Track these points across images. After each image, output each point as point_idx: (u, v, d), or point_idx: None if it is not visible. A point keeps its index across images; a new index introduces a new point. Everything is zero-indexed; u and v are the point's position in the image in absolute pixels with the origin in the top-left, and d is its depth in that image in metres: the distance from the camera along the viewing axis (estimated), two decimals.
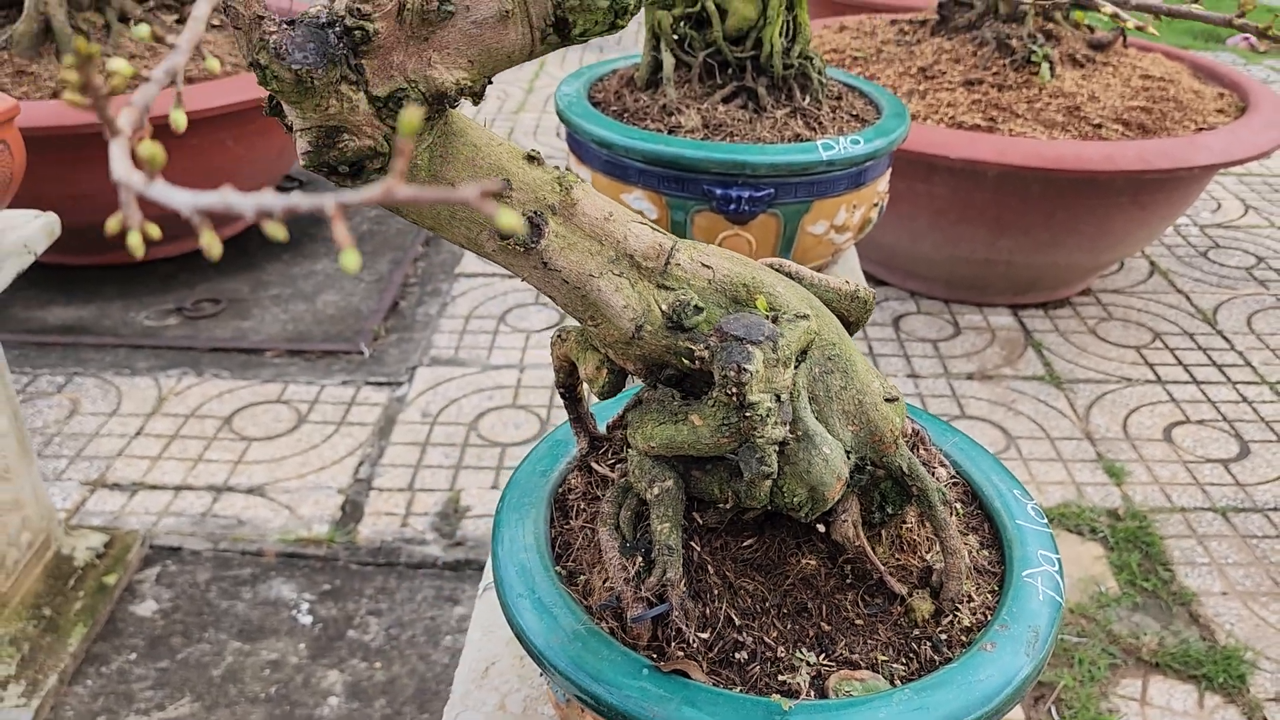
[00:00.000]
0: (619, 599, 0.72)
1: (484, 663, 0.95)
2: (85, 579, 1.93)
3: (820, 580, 0.77)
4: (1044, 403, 2.67)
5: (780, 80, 1.62)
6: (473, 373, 2.71)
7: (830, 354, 0.72)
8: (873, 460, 0.74)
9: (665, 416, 0.71)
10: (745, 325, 0.66)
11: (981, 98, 2.82)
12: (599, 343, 0.73)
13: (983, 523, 0.86)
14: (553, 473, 0.88)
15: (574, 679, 0.71)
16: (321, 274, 3.19)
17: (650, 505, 0.73)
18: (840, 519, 0.75)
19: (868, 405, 0.72)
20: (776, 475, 0.69)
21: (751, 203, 1.51)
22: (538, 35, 0.63)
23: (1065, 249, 2.86)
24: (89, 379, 2.64)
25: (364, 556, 2.09)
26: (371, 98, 0.61)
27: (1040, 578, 0.79)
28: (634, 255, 0.70)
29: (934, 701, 0.69)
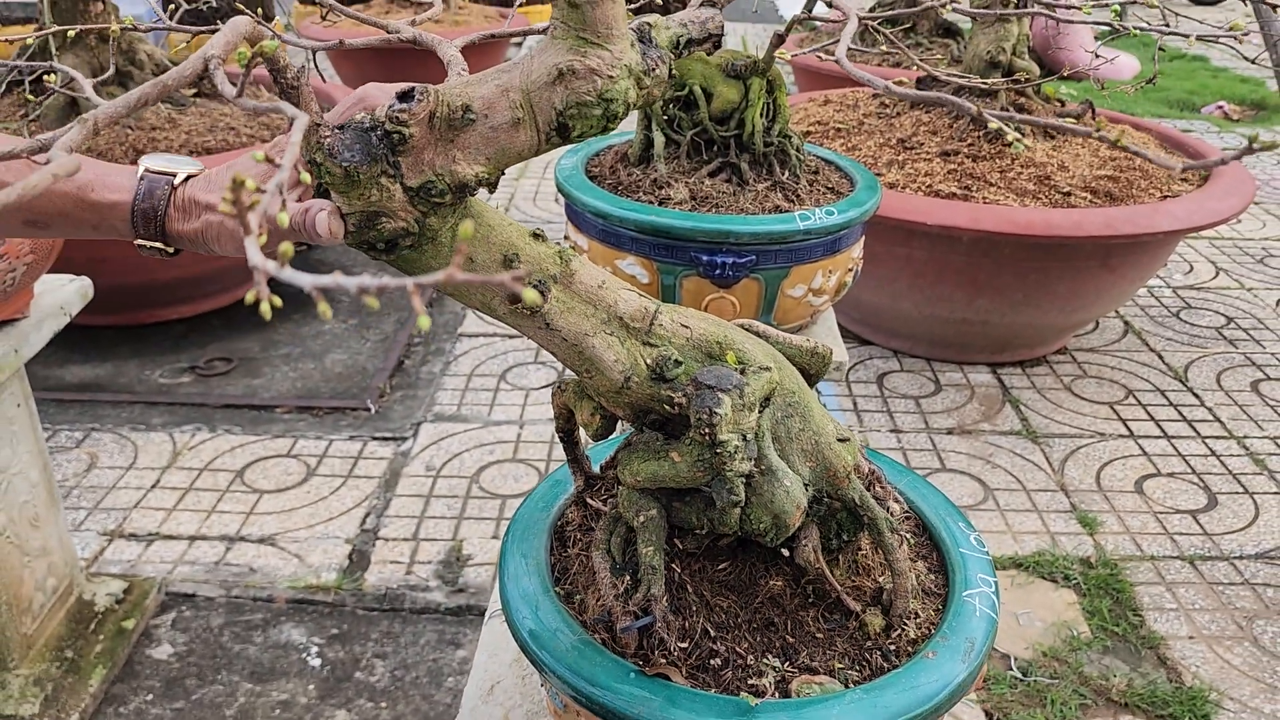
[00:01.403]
0: (610, 613, 0.84)
1: (489, 682, 1.06)
2: (105, 623, 2.02)
3: (786, 599, 0.88)
4: (1021, 456, 2.78)
5: (761, 156, 1.76)
6: (475, 428, 2.83)
7: (790, 401, 0.84)
8: (828, 493, 0.86)
9: (650, 455, 0.83)
10: (716, 376, 0.79)
11: (957, 167, 2.98)
12: (593, 392, 0.86)
13: (931, 551, 0.98)
14: (552, 508, 1.00)
15: (571, 683, 0.82)
16: (329, 334, 3.32)
17: (637, 532, 0.84)
18: (802, 544, 0.87)
19: (823, 445, 0.85)
20: (744, 504, 0.81)
21: (735, 268, 1.65)
22: (543, 137, 0.76)
23: (1039, 310, 3.00)
24: (106, 434, 2.76)
25: (370, 603, 2.19)
26: (406, 188, 0.74)
27: (978, 598, 0.90)
28: (623, 317, 0.83)
29: (881, 701, 0.80)
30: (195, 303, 3.30)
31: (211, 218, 0.87)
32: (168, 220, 0.89)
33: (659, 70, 0.79)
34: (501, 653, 1.09)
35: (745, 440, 0.79)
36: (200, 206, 0.88)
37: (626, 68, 0.75)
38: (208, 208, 0.88)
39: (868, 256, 2.98)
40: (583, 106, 0.74)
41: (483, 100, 0.74)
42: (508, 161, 0.77)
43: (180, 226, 0.89)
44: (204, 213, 0.88)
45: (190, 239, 0.89)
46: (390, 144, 0.72)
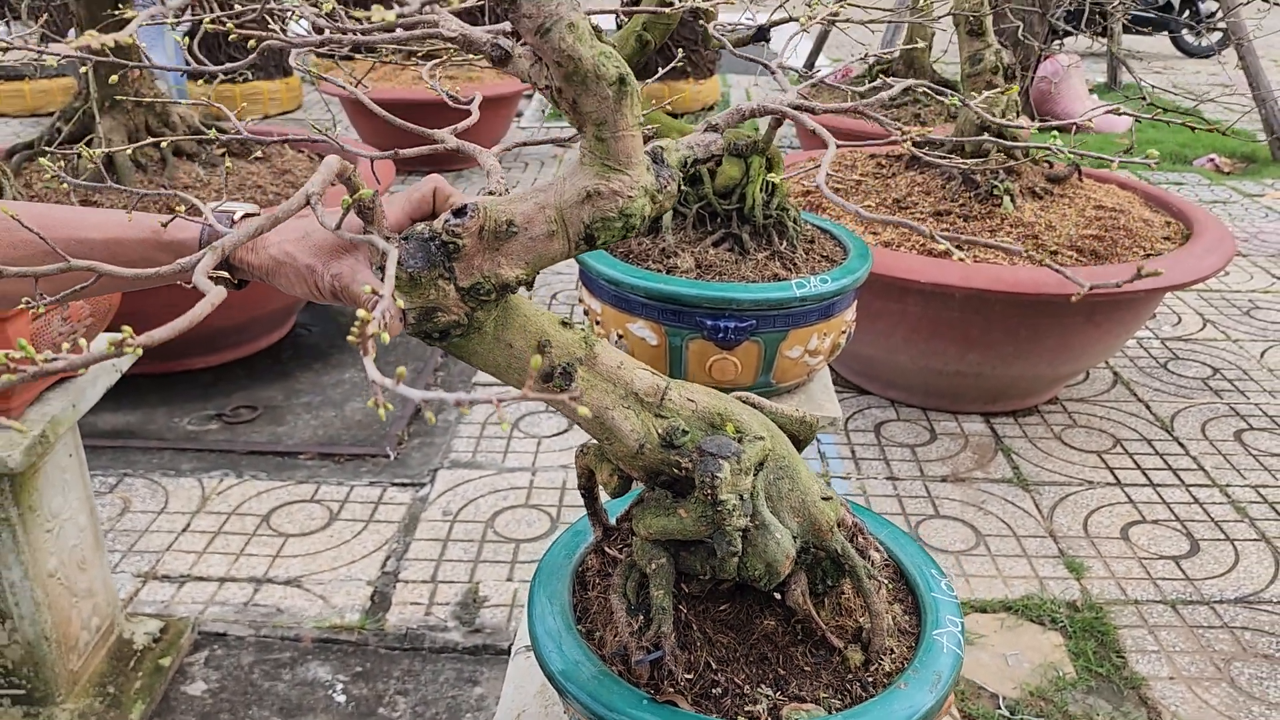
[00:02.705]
0: (625, 648, 0.97)
1: (516, 711, 1.19)
2: (143, 661, 2.15)
3: (778, 636, 1.02)
4: (1011, 503, 2.91)
5: (761, 228, 1.91)
6: (489, 475, 2.96)
7: (781, 465, 0.98)
8: (814, 544, 1.00)
9: (660, 511, 0.97)
10: (718, 444, 0.93)
11: (949, 226, 3.13)
12: (612, 456, 1.00)
13: (907, 595, 1.11)
14: (574, 555, 1.13)
15: (593, 709, 0.95)
16: (349, 383, 3.46)
17: (649, 577, 0.98)
18: (792, 589, 1.00)
19: (809, 502, 0.98)
20: (741, 554, 0.94)
21: (737, 332, 1.79)
22: (573, 245, 0.91)
23: (1029, 362, 3.14)
24: (138, 479, 2.90)
25: (391, 642, 2.31)
26: (458, 288, 0.88)
27: (946, 636, 1.04)
28: (638, 393, 0.97)
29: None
30: (221, 352, 3.46)
31: (281, 257, 0.95)
32: (236, 249, 0.96)
33: (670, 187, 0.94)
34: (527, 685, 1.22)
35: (742, 499, 0.92)
36: (265, 243, 0.96)
37: (643, 189, 0.90)
38: (277, 246, 0.95)
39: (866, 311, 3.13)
40: (607, 221, 0.89)
41: (523, 215, 0.89)
42: (543, 265, 0.91)
43: (247, 256, 0.97)
44: (270, 250, 0.96)
45: (259, 270, 0.97)
46: (446, 252, 0.87)
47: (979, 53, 3.34)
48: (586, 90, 0.85)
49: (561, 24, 0.82)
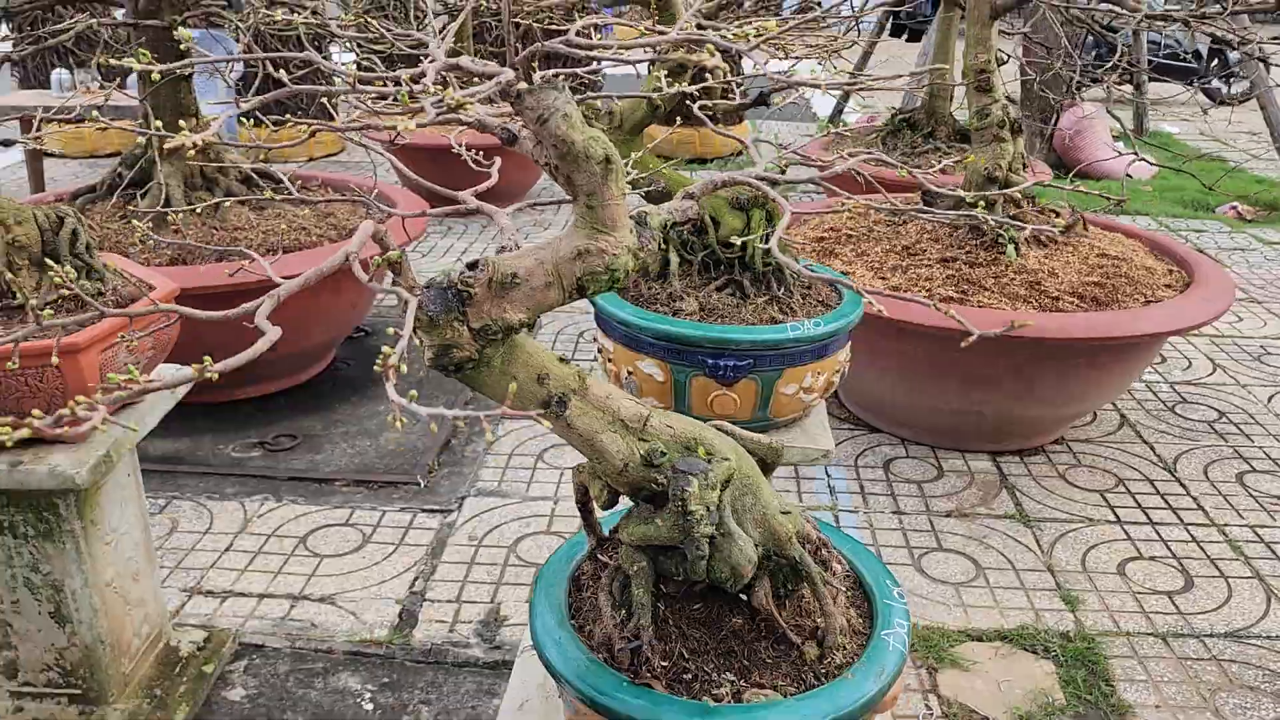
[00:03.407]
0: (610, 639, 1.13)
1: (520, 700, 1.34)
2: (188, 667, 2.32)
3: (745, 633, 1.17)
4: (1012, 538, 3.03)
5: (761, 275, 2.08)
6: (513, 503, 3.13)
7: (745, 483, 1.14)
8: (775, 552, 1.16)
9: (642, 520, 1.13)
10: (689, 464, 1.09)
11: (955, 273, 3.28)
12: (601, 474, 1.16)
13: (863, 601, 1.26)
14: (571, 562, 1.29)
15: (581, 690, 1.11)
16: (384, 415, 3.66)
17: (631, 578, 1.14)
18: (757, 591, 1.16)
19: (769, 515, 1.14)
20: (708, 558, 1.10)
21: (736, 369, 1.95)
22: (567, 294, 1.08)
23: (1032, 402, 3.26)
24: (185, 502, 3.09)
25: (417, 656, 2.47)
26: (470, 329, 1.06)
27: (893, 637, 1.19)
28: (624, 419, 1.14)
29: (810, 707, 1.08)
30: (263, 384, 3.67)
31: None
32: None
33: (650, 245, 1.11)
34: (529, 679, 1.38)
35: (709, 510, 1.09)
36: None
37: (626, 248, 1.07)
38: None
39: (874, 351, 3.28)
40: (594, 274, 1.06)
41: (525, 269, 1.07)
42: (542, 310, 1.09)
43: None
44: None
45: None
46: (460, 299, 1.05)
47: (986, 107, 3.50)
48: (578, 168, 1.03)
49: (557, 114, 1.00)
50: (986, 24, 3.55)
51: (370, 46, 3.34)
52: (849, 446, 3.55)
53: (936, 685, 2.45)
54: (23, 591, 2.03)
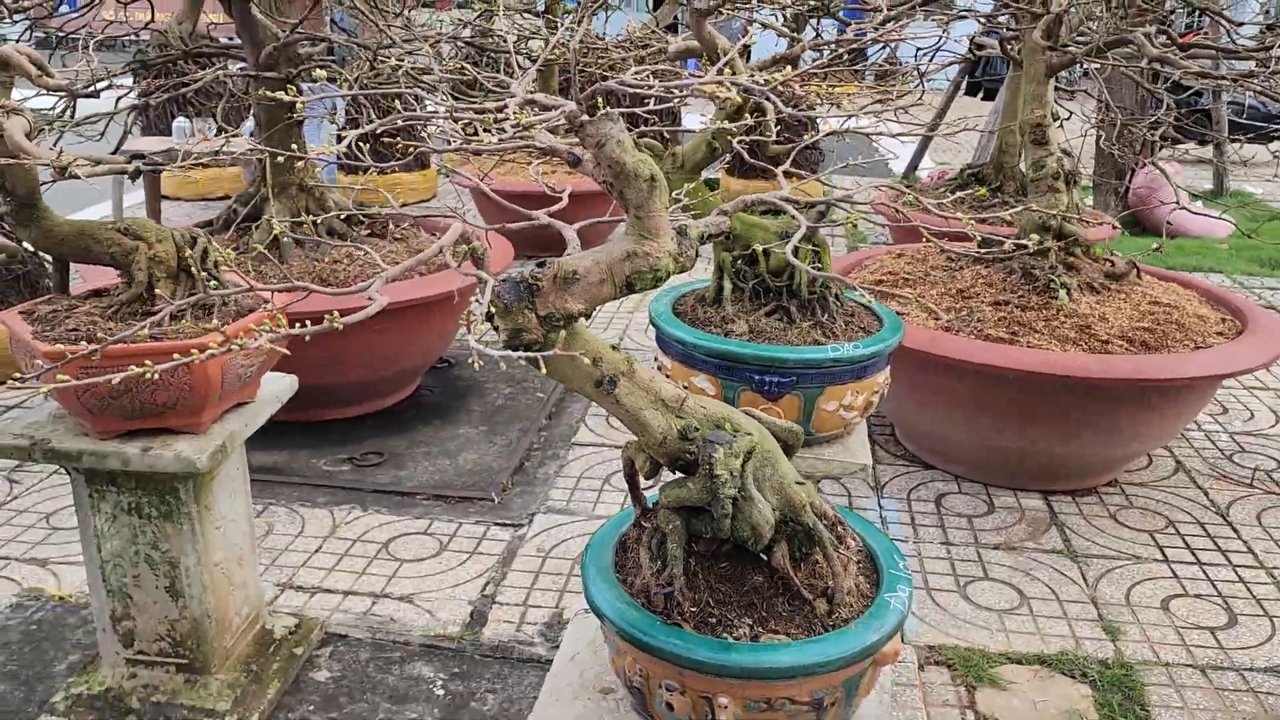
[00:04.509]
0: (646, 586, 1.33)
1: (572, 652, 1.54)
2: (281, 648, 2.57)
3: (764, 589, 1.36)
4: (1059, 572, 3.12)
5: (807, 302, 2.28)
6: (580, 520, 3.34)
7: (765, 455, 1.34)
8: (791, 518, 1.34)
9: (676, 485, 1.33)
10: (716, 435, 1.29)
11: (1007, 315, 3.43)
12: (644, 447, 1.37)
13: (873, 573, 1.44)
14: (619, 530, 1.50)
15: (622, 628, 1.31)
16: (463, 437, 3.92)
17: (667, 535, 1.34)
18: (775, 553, 1.34)
19: (786, 485, 1.33)
20: (732, 518, 1.30)
21: (780, 386, 2.14)
22: (618, 289, 1.30)
23: (1083, 442, 3.37)
24: (280, 508, 3.37)
25: (485, 651, 2.68)
26: (538, 316, 1.28)
27: (894, 599, 1.36)
28: (664, 399, 1.35)
29: (815, 649, 1.26)
30: (355, 406, 3.96)
31: None
32: None
33: (689, 252, 1.32)
34: (581, 636, 1.58)
35: (732, 475, 1.28)
36: None
37: (668, 252, 1.29)
38: None
39: (927, 388, 3.43)
40: (640, 274, 1.28)
41: (584, 268, 1.29)
42: (598, 303, 1.31)
43: None
44: None
45: None
46: (530, 290, 1.27)
47: (1042, 159, 3.66)
48: (629, 184, 1.25)
49: (612, 140, 1.23)
50: (1043, 81, 3.73)
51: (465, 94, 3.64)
52: (902, 481, 3.69)
53: (974, 702, 2.57)
54: (143, 567, 2.29)
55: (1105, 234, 5.02)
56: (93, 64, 2.36)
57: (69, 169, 1.91)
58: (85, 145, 3.31)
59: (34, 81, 2.18)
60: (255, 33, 3.69)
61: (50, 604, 2.83)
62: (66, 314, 2.17)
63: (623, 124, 1.24)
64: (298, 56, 3.78)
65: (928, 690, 2.59)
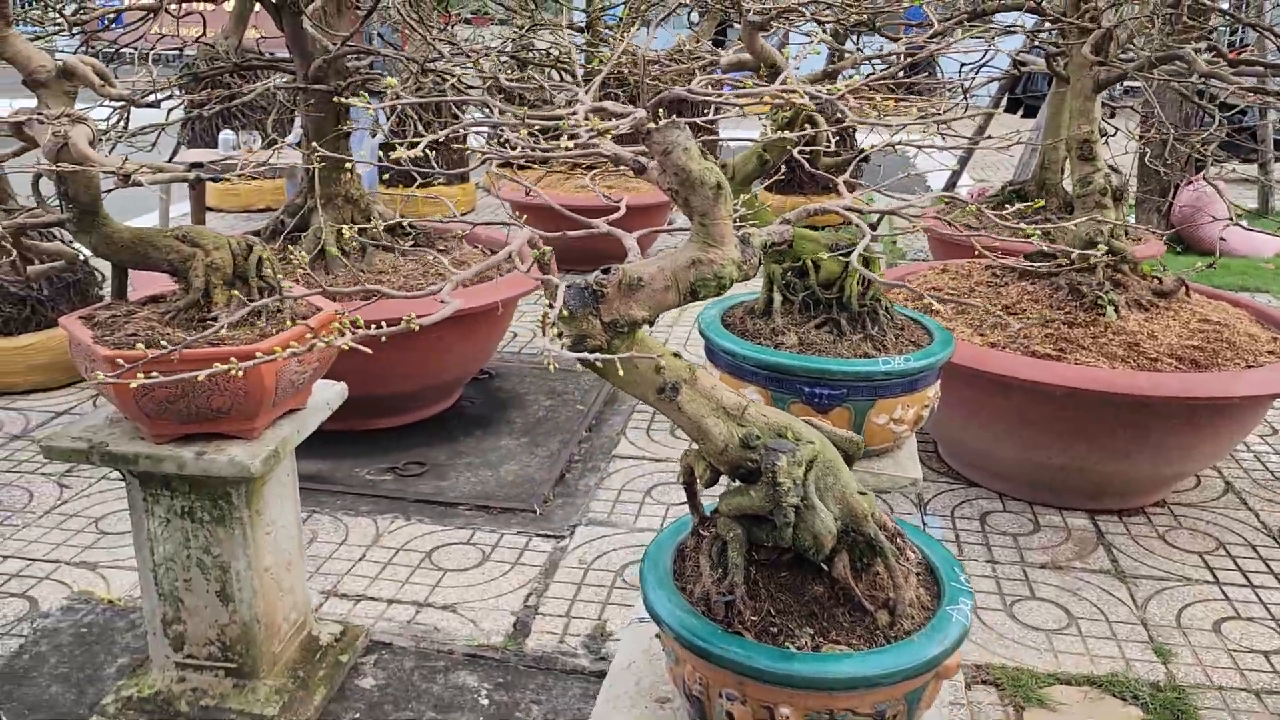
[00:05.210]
0: (707, 594, 1.32)
1: (628, 660, 1.54)
2: (327, 655, 2.58)
3: (825, 599, 1.35)
4: (1107, 592, 3.08)
5: (857, 315, 2.27)
6: (621, 533, 3.33)
7: (827, 464, 1.33)
8: (852, 528, 1.34)
9: (737, 493, 1.33)
10: (779, 444, 1.29)
11: (1054, 332, 3.39)
12: (705, 454, 1.37)
13: (933, 585, 1.43)
14: (677, 537, 1.49)
15: (681, 635, 1.31)
16: (505, 449, 3.93)
17: (728, 543, 1.34)
18: (836, 563, 1.34)
19: (848, 494, 1.33)
20: (793, 526, 1.29)
21: (830, 398, 2.14)
22: (682, 296, 1.30)
23: (1131, 461, 3.32)
24: (324, 516, 3.40)
25: (529, 661, 2.68)
26: (602, 323, 1.29)
27: (957, 612, 1.35)
28: (726, 407, 1.35)
29: (877, 661, 1.25)
30: (398, 416, 3.98)
31: None
32: None
33: (751, 260, 1.33)
34: (636, 645, 1.58)
35: (795, 484, 1.28)
36: None
37: (731, 260, 1.29)
38: None
39: (972, 405, 3.40)
40: (704, 281, 1.28)
41: (648, 275, 1.29)
42: (661, 310, 1.31)
43: None
44: None
45: None
46: (595, 297, 1.28)
47: (1088, 175, 3.63)
48: (694, 192, 1.26)
49: (679, 148, 1.23)
50: (1090, 97, 3.70)
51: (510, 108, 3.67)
52: (946, 499, 3.65)
53: None
54: (195, 570, 2.32)
55: (1152, 251, 4.97)
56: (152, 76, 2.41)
57: (133, 177, 1.95)
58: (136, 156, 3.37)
59: (97, 91, 2.23)
60: (304, 46, 3.74)
61: (100, 607, 2.87)
62: (125, 319, 2.21)
63: (689, 132, 1.24)
64: (346, 69, 3.82)
65: (975, 710, 2.55)
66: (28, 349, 4.10)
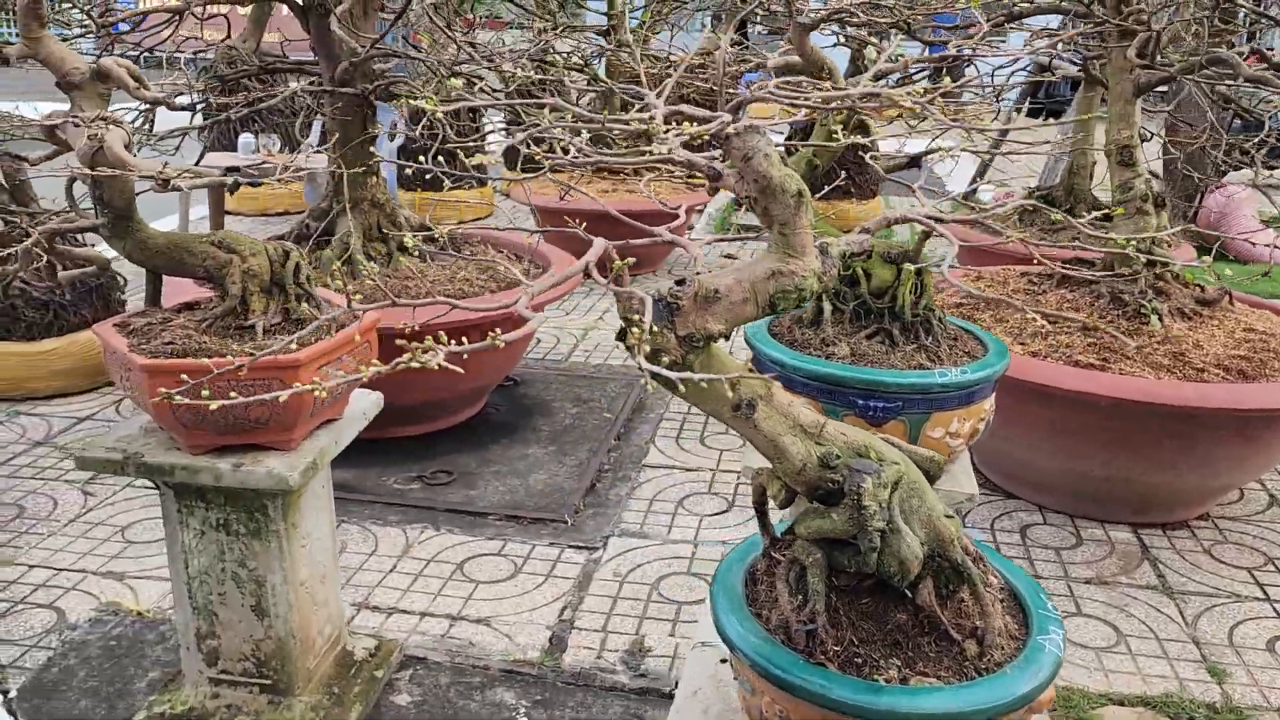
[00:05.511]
0: (787, 621, 1.26)
1: (693, 688, 1.48)
2: (361, 671, 2.52)
3: (908, 628, 1.28)
4: (1155, 609, 3.00)
5: (910, 324, 2.20)
6: (655, 545, 3.27)
7: (912, 486, 1.27)
8: (938, 553, 1.27)
9: (817, 515, 1.27)
10: (863, 464, 1.23)
11: (1096, 341, 3.32)
12: (780, 474, 1.30)
13: (1018, 612, 1.36)
14: (746, 560, 1.43)
15: (762, 668, 1.24)
16: (533, 457, 3.87)
17: (807, 568, 1.27)
18: (921, 589, 1.27)
19: (934, 518, 1.26)
20: (879, 552, 1.23)
21: (884, 411, 2.07)
22: (760, 309, 1.24)
23: (1176, 472, 3.25)
24: (353, 526, 3.34)
25: (567, 678, 2.62)
26: (677, 336, 1.23)
27: (1049, 642, 1.28)
28: (803, 425, 1.28)
29: (970, 695, 1.19)
30: (424, 424, 3.93)
31: None
32: None
33: (831, 271, 1.26)
34: (701, 670, 1.51)
35: (881, 507, 1.21)
36: None
37: (813, 271, 1.23)
38: None
39: (1013, 415, 3.33)
40: (785, 293, 1.22)
41: (725, 286, 1.23)
42: (738, 323, 1.25)
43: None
44: None
45: None
46: (670, 310, 1.22)
47: (1129, 181, 3.56)
48: (775, 200, 1.20)
49: (760, 153, 1.17)
50: (1130, 100, 3.63)
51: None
52: (985, 510, 3.58)
53: None
54: (230, 584, 2.26)
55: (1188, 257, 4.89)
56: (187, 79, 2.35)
57: (172, 182, 1.90)
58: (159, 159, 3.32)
59: (131, 94, 2.18)
60: (331, 48, 3.69)
61: (129, 619, 2.82)
62: (161, 327, 2.15)
63: (769, 137, 1.18)
64: (372, 72, 3.77)
65: None
66: (50, 354, 4.06)
